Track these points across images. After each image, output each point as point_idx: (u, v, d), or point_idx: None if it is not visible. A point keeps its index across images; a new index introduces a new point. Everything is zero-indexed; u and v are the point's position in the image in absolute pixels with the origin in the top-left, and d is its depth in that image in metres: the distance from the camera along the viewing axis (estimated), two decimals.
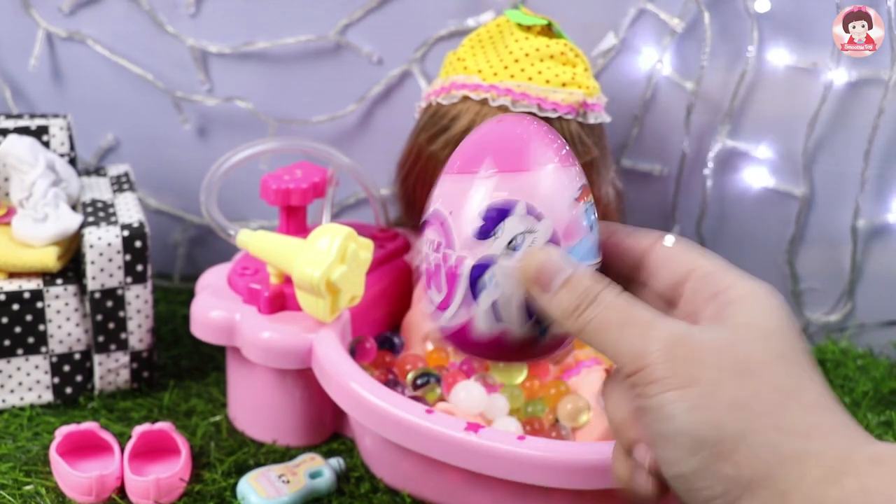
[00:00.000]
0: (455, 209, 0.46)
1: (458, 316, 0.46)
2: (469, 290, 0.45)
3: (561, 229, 0.45)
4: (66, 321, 0.86)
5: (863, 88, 0.96)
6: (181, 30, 1.04)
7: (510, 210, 0.45)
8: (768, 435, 0.40)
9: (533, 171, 0.46)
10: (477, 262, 0.45)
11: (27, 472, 0.77)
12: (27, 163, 0.87)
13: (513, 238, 0.45)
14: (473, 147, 0.48)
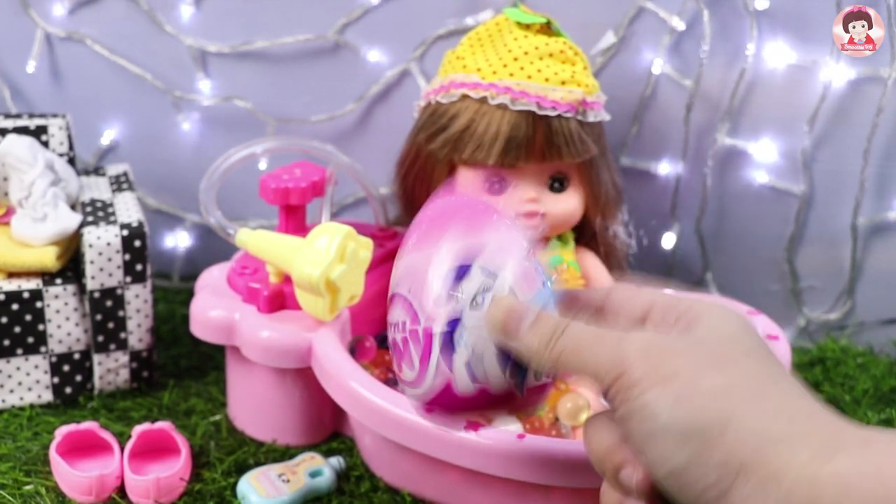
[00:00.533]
0: (413, 286, 0.47)
1: (436, 384, 0.46)
2: (441, 355, 0.45)
3: (517, 283, 0.46)
4: (66, 321, 0.86)
5: (862, 86, 0.96)
6: (180, 29, 1.04)
7: (466, 272, 0.46)
8: (753, 419, 0.40)
9: (481, 236, 0.47)
10: (444, 325, 0.45)
11: (27, 471, 0.77)
12: (26, 162, 0.87)
13: (473, 297, 0.45)
14: (422, 225, 0.49)
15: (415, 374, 0.47)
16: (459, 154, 0.83)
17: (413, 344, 0.46)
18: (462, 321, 0.45)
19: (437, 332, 0.45)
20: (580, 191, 0.87)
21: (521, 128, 0.82)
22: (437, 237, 0.47)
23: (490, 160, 0.82)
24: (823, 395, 0.92)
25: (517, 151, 0.82)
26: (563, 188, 0.86)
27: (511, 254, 0.47)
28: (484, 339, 0.45)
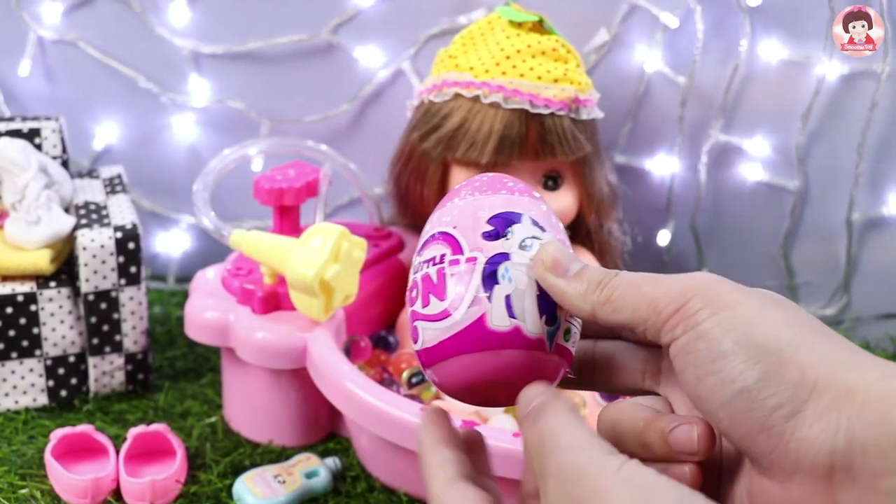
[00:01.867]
0: (460, 223, 0.47)
1: (470, 314, 0.45)
2: (482, 284, 0.45)
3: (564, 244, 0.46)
4: (60, 324, 0.85)
5: (856, 82, 0.96)
6: (173, 31, 1.04)
7: (517, 219, 0.46)
8: (822, 345, 0.40)
9: (530, 199, 0.48)
10: (489, 258, 0.45)
11: (22, 475, 0.77)
12: (19, 165, 0.86)
13: (522, 240, 0.46)
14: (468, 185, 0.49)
15: (446, 305, 0.46)
16: (453, 153, 0.83)
17: (450, 274, 0.46)
18: (510, 257, 0.45)
19: (481, 261, 0.45)
20: (574, 189, 0.87)
21: (514, 126, 0.82)
22: (487, 192, 0.48)
23: (483, 158, 0.82)
24: None
25: (510, 149, 0.82)
26: (556, 186, 0.86)
27: (554, 223, 0.47)
28: (528, 279, 0.45)
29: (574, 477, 0.39)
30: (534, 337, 0.44)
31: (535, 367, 0.45)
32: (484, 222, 0.46)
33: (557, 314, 0.45)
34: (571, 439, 0.40)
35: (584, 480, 0.39)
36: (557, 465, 0.40)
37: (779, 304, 0.42)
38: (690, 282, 0.43)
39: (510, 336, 0.44)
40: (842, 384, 0.39)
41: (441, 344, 0.46)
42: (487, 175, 0.49)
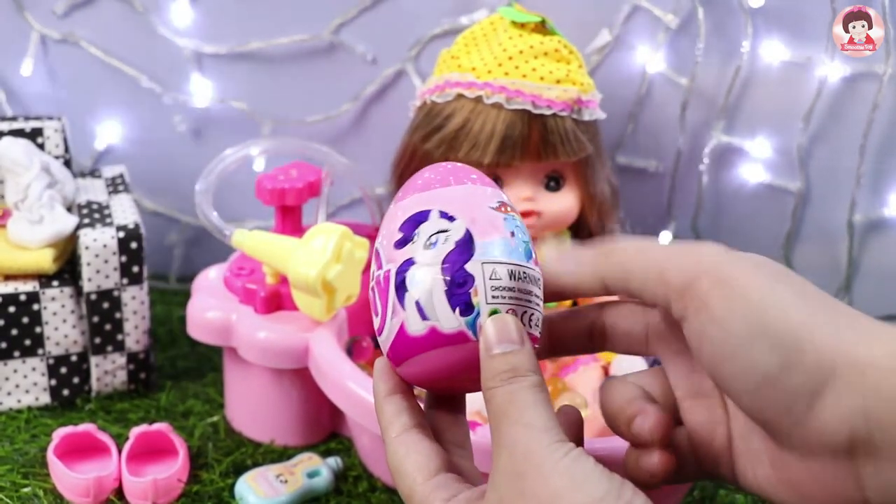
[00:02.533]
0: (384, 233, 0.49)
1: (393, 326, 0.46)
2: (396, 296, 0.46)
3: (475, 227, 0.46)
4: (63, 323, 0.86)
5: (857, 83, 0.96)
6: (175, 31, 1.04)
7: (424, 217, 0.47)
8: (832, 324, 0.41)
9: (449, 187, 0.48)
10: (398, 267, 0.46)
11: (25, 474, 0.77)
12: (22, 165, 0.87)
13: (428, 238, 0.46)
14: (405, 185, 0.51)
15: (379, 320, 0.48)
16: (455, 153, 0.83)
17: (377, 289, 0.48)
18: (416, 261, 0.46)
19: (393, 272, 0.47)
20: (576, 189, 0.87)
21: (517, 127, 0.82)
22: (403, 191, 0.49)
23: (486, 159, 0.82)
24: None
25: (513, 150, 0.82)
26: (558, 187, 0.86)
27: (474, 203, 0.47)
28: (434, 278, 0.45)
29: (524, 454, 0.42)
30: (451, 332, 0.45)
31: (466, 359, 0.45)
32: (396, 230, 0.47)
33: (473, 301, 0.45)
34: (532, 418, 0.43)
35: (531, 459, 0.42)
36: (513, 438, 0.43)
37: (786, 280, 0.43)
38: (698, 255, 0.44)
39: (429, 338, 0.45)
40: (856, 364, 0.40)
41: (388, 356, 0.48)
42: (429, 168, 0.50)
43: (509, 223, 0.47)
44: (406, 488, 0.47)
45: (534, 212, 0.84)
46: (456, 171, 0.49)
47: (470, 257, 0.46)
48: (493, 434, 0.44)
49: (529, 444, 0.42)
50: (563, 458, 0.41)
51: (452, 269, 0.45)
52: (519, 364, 0.44)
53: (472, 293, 0.45)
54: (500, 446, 0.43)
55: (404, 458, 0.47)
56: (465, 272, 0.45)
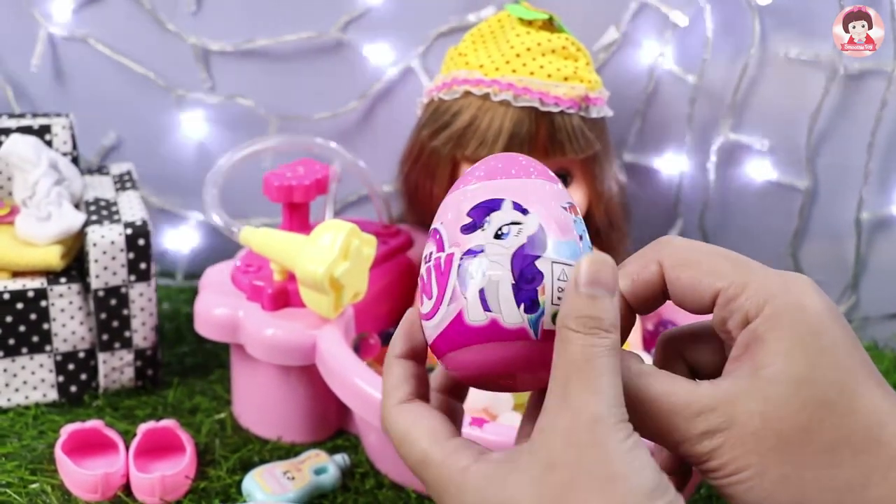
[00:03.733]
0: (447, 217, 0.47)
1: (449, 311, 0.45)
2: (457, 282, 0.45)
3: (548, 225, 0.45)
4: (70, 320, 0.86)
5: (865, 80, 0.96)
6: (182, 28, 1.04)
7: (497, 206, 0.46)
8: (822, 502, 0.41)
9: (521, 178, 0.47)
10: (464, 253, 0.45)
11: (33, 470, 0.77)
12: (30, 162, 0.87)
13: (499, 228, 0.45)
14: (470, 170, 0.49)
15: (432, 304, 0.46)
16: (462, 150, 0.83)
17: (435, 272, 0.46)
18: (484, 249, 0.45)
19: (457, 256, 0.45)
20: (583, 187, 0.87)
21: (524, 124, 0.82)
22: (475, 176, 0.48)
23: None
24: None
25: (520, 147, 0.82)
26: (566, 184, 0.86)
27: (546, 200, 0.46)
28: (502, 270, 0.44)
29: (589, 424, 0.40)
30: (513, 328, 0.44)
31: (524, 356, 0.44)
32: (464, 214, 0.46)
33: (539, 300, 0.44)
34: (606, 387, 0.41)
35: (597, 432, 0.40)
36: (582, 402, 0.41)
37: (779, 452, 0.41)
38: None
39: (488, 330, 0.44)
40: None
41: (435, 342, 0.46)
42: (496, 157, 0.49)
43: (578, 226, 0.46)
44: (418, 453, 0.45)
45: None
46: (518, 162, 0.48)
47: (541, 254, 0.44)
48: (559, 387, 0.42)
49: (597, 416, 0.40)
50: (626, 440, 0.40)
51: (523, 264, 0.44)
52: (604, 315, 0.42)
53: (540, 291, 0.44)
54: (564, 406, 0.41)
55: (412, 424, 0.45)
56: (536, 269, 0.44)
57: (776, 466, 0.41)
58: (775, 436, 0.41)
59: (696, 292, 0.45)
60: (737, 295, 0.43)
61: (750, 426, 0.41)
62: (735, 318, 0.43)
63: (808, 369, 0.41)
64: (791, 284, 0.43)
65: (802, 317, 0.42)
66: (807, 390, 0.41)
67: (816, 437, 0.41)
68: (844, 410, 0.41)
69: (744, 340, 0.43)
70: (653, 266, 0.46)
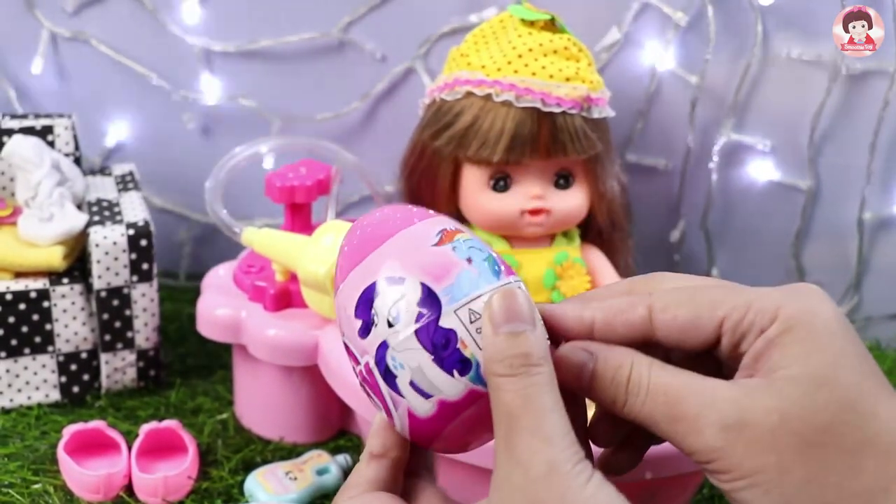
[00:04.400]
0: (344, 328, 0.45)
1: (402, 416, 0.43)
2: (388, 387, 0.43)
3: (429, 279, 0.42)
4: (73, 320, 0.86)
5: (868, 81, 0.96)
6: (185, 29, 1.04)
7: (371, 293, 0.43)
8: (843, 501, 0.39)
9: (377, 249, 0.44)
10: (375, 358, 0.43)
11: (35, 470, 0.78)
12: (32, 163, 0.87)
13: (388, 315, 0.42)
14: (339, 264, 0.46)
15: (384, 415, 0.44)
16: (464, 151, 0.83)
17: (366, 385, 0.44)
18: (388, 343, 0.42)
19: (372, 364, 0.43)
20: (585, 187, 0.87)
21: (526, 124, 0.82)
22: (346, 271, 0.45)
23: (495, 157, 0.82)
24: None
25: (522, 148, 0.82)
26: (568, 185, 0.86)
27: (414, 251, 0.43)
28: (416, 352, 0.41)
29: (544, 477, 0.38)
30: (461, 397, 0.42)
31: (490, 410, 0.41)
32: (353, 319, 0.43)
33: (466, 354, 0.41)
34: (551, 430, 0.39)
35: (553, 485, 0.38)
36: (529, 453, 0.38)
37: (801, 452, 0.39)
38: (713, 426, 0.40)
39: (442, 412, 0.42)
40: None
41: (414, 441, 0.44)
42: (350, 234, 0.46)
43: (460, 250, 0.43)
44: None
45: (543, 210, 0.84)
46: (380, 224, 0.45)
47: (439, 312, 0.42)
48: (502, 440, 0.39)
49: (551, 465, 0.38)
50: (587, 484, 0.38)
51: (429, 335, 0.41)
52: (531, 350, 0.40)
53: (462, 347, 0.41)
54: (512, 460, 0.39)
55: None
56: (443, 330, 0.41)
57: (798, 468, 0.39)
58: (796, 435, 0.39)
59: (697, 328, 0.43)
60: (742, 316, 0.41)
61: (767, 423, 0.39)
62: (749, 338, 0.41)
63: (829, 370, 0.39)
64: (799, 292, 0.42)
65: (817, 320, 0.41)
66: (828, 390, 0.39)
67: (840, 440, 0.39)
68: (868, 413, 0.39)
69: (756, 350, 0.41)
70: (641, 310, 0.44)
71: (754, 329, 0.41)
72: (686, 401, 0.40)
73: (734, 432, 0.39)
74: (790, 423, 0.39)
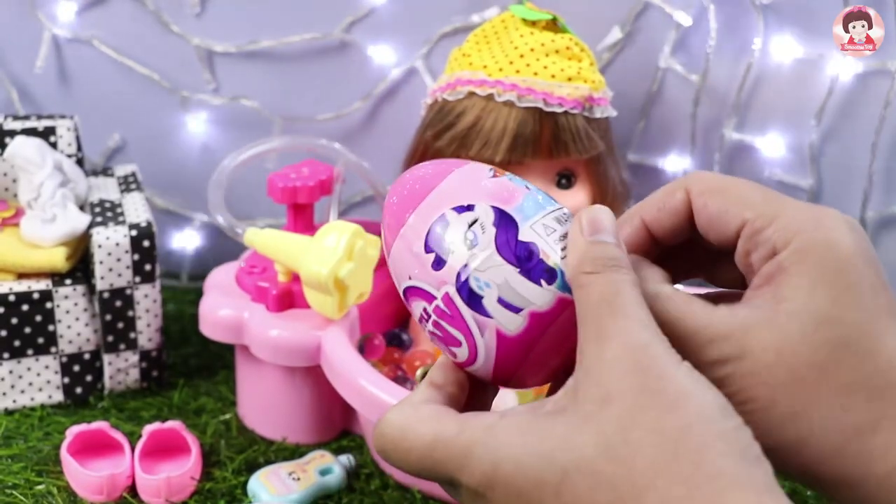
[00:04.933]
0: (411, 270, 0.44)
1: (489, 341, 0.43)
2: (472, 309, 0.42)
3: (498, 201, 0.43)
4: (76, 321, 0.86)
5: (870, 80, 0.96)
6: (187, 29, 1.04)
7: (444, 222, 0.43)
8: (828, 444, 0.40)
9: (435, 188, 0.45)
10: (457, 284, 0.43)
11: (39, 471, 0.78)
12: (35, 164, 0.87)
13: (463, 238, 0.43)
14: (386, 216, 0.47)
15: (467, 349, 0.43)
16: (466, 151, 0.83)
17: (445, 321, 0.43)
18: (469, 265, 0.42)
19: (452, 292, 0.43)
20: (587, 187, 0.87)
21: (528, 124, 0.82)
22: (402, 217, 0.45)
23: (497, 157, 0.82)
24: None
25: (524, 148, 0.82)
26: (570, 185, 0.86)
27: (476, 183, 0.44)
28: (501, 268, 0.42)
29: (643, 347, 0.38)
30: (552, 306, 0.42)
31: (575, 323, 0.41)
32: (423, 256, 0.43)
33: (550, 264, 0.42)
34: (644, 318, 0.39)
35: (651, 354, 0.38)
36: (627, 329, 0.38)
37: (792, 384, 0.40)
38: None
39: (534, 324, 0.42)
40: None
41: (497, 375, 0.44)
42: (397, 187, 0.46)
43: (516, 181, 0.45)
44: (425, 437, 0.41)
45: None
46: (432, 170, 0.46)
47: (517, 228, 0.43)
48: (591, 324, 0.39)
49: (648, 340, 0.38)
50: (682, 363, 0.38)
51: (512, 248, 0.42)
52: (618, 256, 0.40)
53: (544, 257, 0.42)
54: (606, 337, 0.38)
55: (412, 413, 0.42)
56: (524, 244, 0.42)
57: (785, 403, 0.39)
58: (789, 372, 0.39)
59: (723, 221, 0.43)
60: (764, 227, 0.42)
61: (763, 359, 0.40)
62: (760, 252, 0.42)
63: (831, 307, 0.40)
64: (823, 220, 0.42)
65: (830, 254, 0.41)
66: (827, 329, 0.40)
67: (832, 378, 0.39)
68: (864, 353, 0.39)
69: (767, 271, 0.41)
70: (679, 194, 0.45)
71: (768, 245, 0.42)
72: (690, 340, 0.41)
73: (731, 366, 0.40)
74: (784, 359, 0.39)
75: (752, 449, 0.36)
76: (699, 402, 0.37)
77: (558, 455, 0.37)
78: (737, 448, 0.36)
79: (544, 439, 0.38)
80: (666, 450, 0.36)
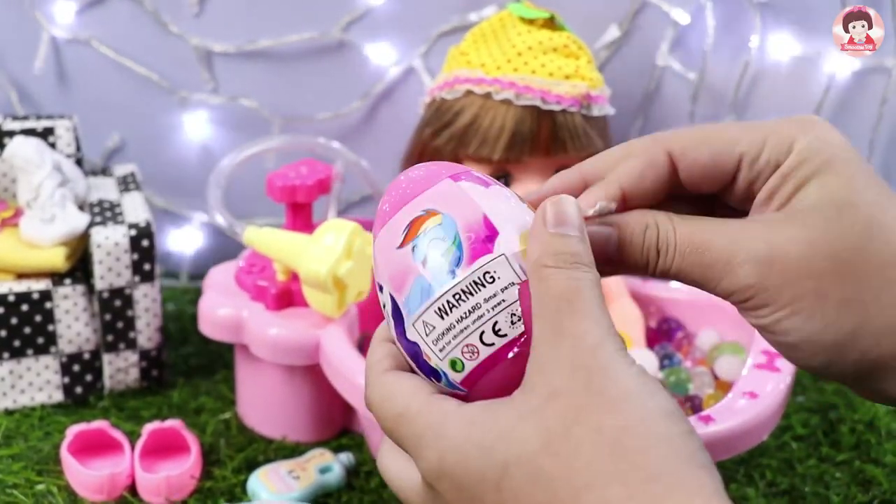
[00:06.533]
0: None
1: None
2: None
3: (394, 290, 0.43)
4: (75, 321, 0.86)
5: (867, 77, 0.96)
6: (185, 29, 1.04)
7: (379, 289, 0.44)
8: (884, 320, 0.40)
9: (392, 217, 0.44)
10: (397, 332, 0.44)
11: (39, 471, 0.78)
12: (34, 164, 0.87)
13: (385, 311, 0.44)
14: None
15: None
16: (465, 149, 0.83)
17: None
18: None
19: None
20: None
21: (526, 122, 0.82)
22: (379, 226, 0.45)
23: (495, 155, 0.82)
24: (833, 390, 0.92)
25: (522, 146, 0.82)
26: None
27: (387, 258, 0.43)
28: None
29: (592, 348, 0.38)
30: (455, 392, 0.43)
31: None
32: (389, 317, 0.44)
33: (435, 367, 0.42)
34: (600, 317, 0.39)
35: (601, 356, 0.38)
36: (581, 329, 0.38)
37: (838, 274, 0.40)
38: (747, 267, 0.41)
39: None
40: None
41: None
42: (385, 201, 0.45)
43: (419, 249, 0.42)
44: (397, 407, 0.42)
45: None
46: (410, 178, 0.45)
47: (404, 327, 0.42)
48: (547, 320, 0.39)
49: (601, 341, 0.38)
50: (633, 366, 0.38)
51: (403, 346, 0.43)
52: (581, 252, 0.40)
53: (426, 359, 0.42)
54: (562, 335, 0.38)
55: (394, 383, 0.43)
56: (410, 343, 0.42)
57: (835, 290, 0.40)
58: (827, 259, 0.40)
59: (718, 167, 0.44)
60: (759, 152, 0.42)
61: (796, 252, 0.40)
62: (765, 173, 0.43)
63: (847, 192, 0.41)
64: (808, 123, 0.43)
65: (829, 148, 0.42)
66: (851, 212, 0.40)
67: (869, 256, 0.40)
68: (890, 227, 0.40)
69: (771, 185, 0.42)
70: (662, 157, 0.45)
71: (770, 164, 0.42)
72: (713, 245, 0.42)
73: (766, 266, 0.40)
74: (819, 249, 0.40)
75: (699, 455, 0.37)
76: (643, 404, 0.37)
77: (500, 447, 0.38)
78: (682, 452, 0.36)
79: (488, 431, 0.39)
80: (604, 449, 0.36)
